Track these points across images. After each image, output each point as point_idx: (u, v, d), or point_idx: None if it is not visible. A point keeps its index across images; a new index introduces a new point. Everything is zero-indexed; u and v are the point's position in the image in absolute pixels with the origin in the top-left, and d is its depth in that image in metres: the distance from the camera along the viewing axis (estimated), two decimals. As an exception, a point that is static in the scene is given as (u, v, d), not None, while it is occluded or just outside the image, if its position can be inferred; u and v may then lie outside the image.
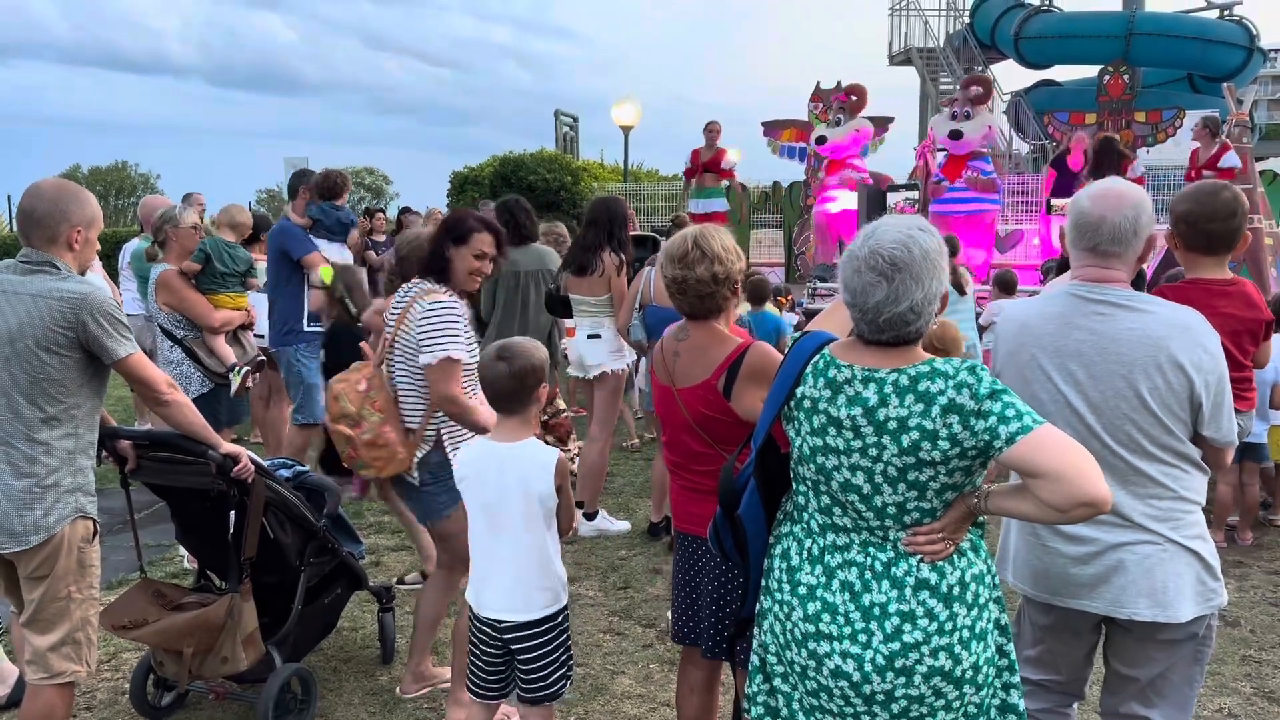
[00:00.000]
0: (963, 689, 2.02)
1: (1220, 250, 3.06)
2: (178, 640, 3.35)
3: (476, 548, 2.93)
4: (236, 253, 5.41)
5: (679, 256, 2.79)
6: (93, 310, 2.84)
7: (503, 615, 2.85)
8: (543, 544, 2.86)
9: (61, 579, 2.88)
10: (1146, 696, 2.55)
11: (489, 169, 19.86)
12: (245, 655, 3.37)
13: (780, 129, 14.13)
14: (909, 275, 1.96)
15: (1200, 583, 2.44)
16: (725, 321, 2.87)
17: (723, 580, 2.83)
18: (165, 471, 3.42)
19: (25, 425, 2.82)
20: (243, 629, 3.36)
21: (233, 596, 3.38)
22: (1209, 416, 2.40)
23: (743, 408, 2.70)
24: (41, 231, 2.90)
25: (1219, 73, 17.32)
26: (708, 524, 2.74)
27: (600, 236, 5.52)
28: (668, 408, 2.90)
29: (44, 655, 2.89)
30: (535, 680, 2.90)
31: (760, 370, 2.68)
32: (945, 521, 2.01)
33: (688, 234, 2.84)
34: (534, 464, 2.84)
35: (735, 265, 2.83)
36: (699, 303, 2.81)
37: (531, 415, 2.95)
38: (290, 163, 16.01)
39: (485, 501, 2.88)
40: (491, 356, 2.88)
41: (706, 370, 2.77)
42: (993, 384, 1.93)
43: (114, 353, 2.89)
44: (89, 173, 63.64)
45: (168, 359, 5.24)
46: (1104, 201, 2.46)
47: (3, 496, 2.81)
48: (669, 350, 2.89)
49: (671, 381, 2.86)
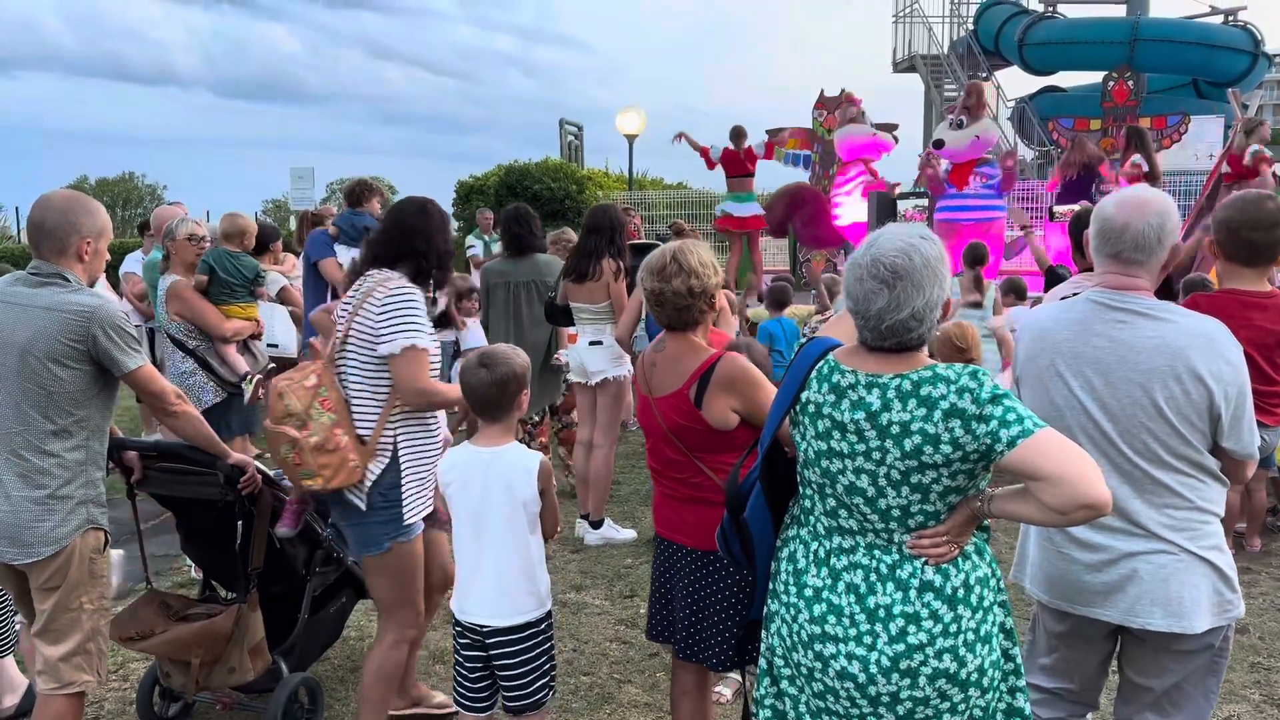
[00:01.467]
0: (968, 691, 2.03)
1: (1260, 261, 3.01)
2: (185, 651, 3.35)
3: (461, 554, 2.95)
4: (241, 261, 5.42)
5: (657, 270, 2.87)
6: (103, 323, 2.86)
7: (486, 620, 2.86)
8: (527, 548, 2.89)
9: (73, 590, 2.89)
10: (1161, 707, 2.53)
11: (494, 178, 19.93)
12: (253, 666, 3.37)
13: (785, 136, 14.14)
14: (910, 283, 1.98)
15: (1217, 594, 2.41)
16: (702, 333, 2.95)
17: (694, 589, 2.90)
18: (172, 482, 3.41)
19: (36, 437, 2.84)
20: (250, 639, 3.36)
21: (240, 606, 3.38)
22: (1228, 428, 2.36)
23: (712, 416, 2.77)
24: (51, 243, 2.92)
25: (1224, 78, 17.33)
26: (681, 530, 2.90)
27: (601, 243, 5.55)
28: (647, 417, 2.96)
29: (55, 665, 2.90)
30: (517, 689, 2.90)
31: (729, 380, 2.76)
32: (949, 525, 2.02)
33: (667, 249, 2.91)
34: (518, 468, 2.88)
35: (711, 280, 2.90)
36: (676, 315, 2.89)
37: (513, 421, 2.98)
38: (296, 172, 16.07)
39: (470, 507, 2.90)
40: (474, 364, 2.90)
41: (680, 380, 2.83)
42: (994, 389, 1.94)
43: (124, 365, 2.90)
44: (96, 184, 63.98)
45: (179, 369, 5.26)
46: (1129, 208, 2.43)
47: (15, 508, 2.83)
48: (648, 361, 2.98)
49: (649, 391, 2.93)
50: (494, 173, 20.24)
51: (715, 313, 3.03)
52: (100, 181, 64.56)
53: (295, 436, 2.96)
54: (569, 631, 4.46)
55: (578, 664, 4.15)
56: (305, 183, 16.36)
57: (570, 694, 3.89)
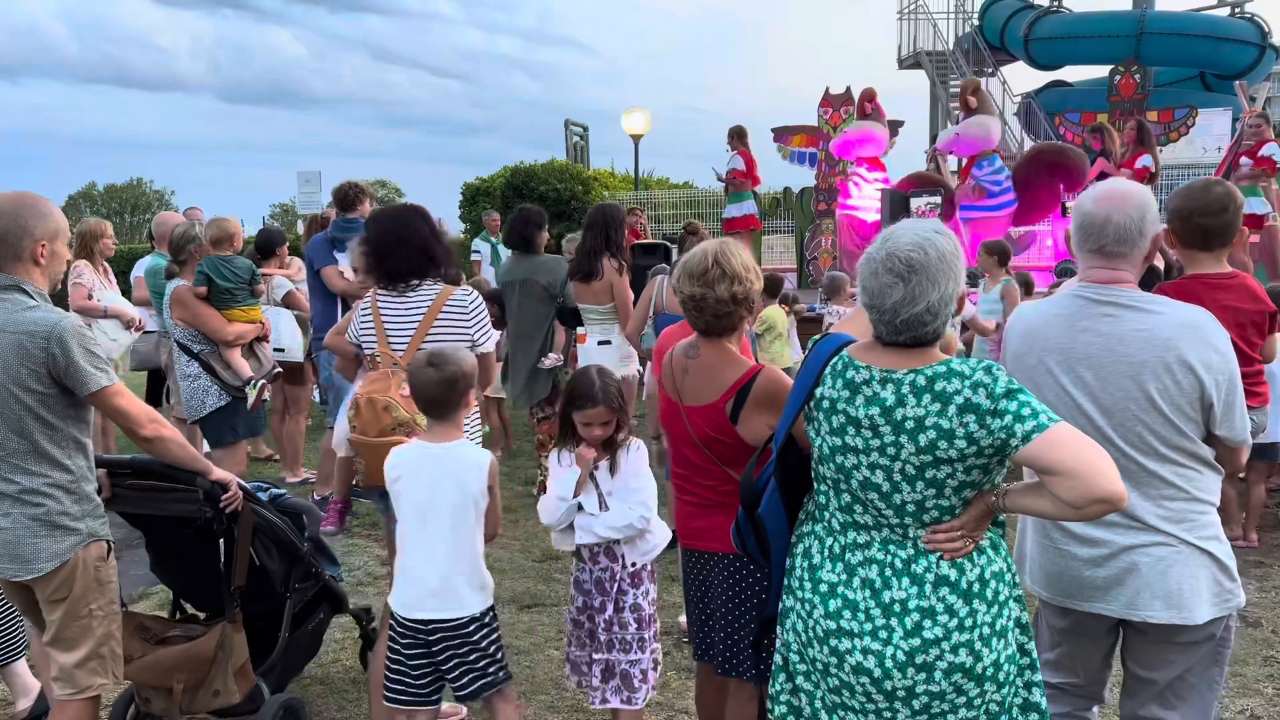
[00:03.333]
0: (984, 686, 2.02)
1: (1215, 245, 3.05)
2: (167, 676, 3.22)
3: (406, 550, 2.95)
4: (234, 264, 5.40)
5: (699, 274, 2.71)
6: (62, 341, 2.71)
7: (432, 615, 2.88)
8: (473, 544, 2.93)
9: (81, 599, 2.86)
10: (1166, 699, 2.53)
11: (500, 180, 19.96)
12: (238, 687, 3.25)
13: (790, 135, 14.11)
14: (925, 277, 1.99)
15: (1216, 584, 2.42)
16: (737, 340, 2.83)
17: (733, 595, 2.79)
18: (147, 500, 3.23)
19: (19, 459, 2.76)
20: (234, 660, 3.25)
21: (224, 627, 3.26)
22: (1221, 416, 2.37)
23: (749, 433, 2.66)
24: (4, 249, 2.77)
25: (1231, 71, 17.25)
26: (714, 538, 2.75)
27: (599, 241, 5.65)
28: (673, 423, 2.86)
29: (71, 672, 2.88)
30: (467, 673, 2.92)
31: (769, 396, 2.63)
32: (965, 519, 2.02)
33: (708, 250, 2.76)
34: (468, 464, 2.92)
35: (754, 285, 2.76)
36: (715, 321, 2.75)
37: (460, 419, 3.00)
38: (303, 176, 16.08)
39: (417, 502, 2.92)
40: (422, 363, 2.94)
41: (716, 392, 2.72)
42: (1009, 383, 1.94)
43: (87, 385, 2.75)
44: (104, 190, 64.19)
45: (185, 373, 5.28)
46: (1108, 202, 2.44)
47: (13, 527, 2.77)
48: (678, 366, 2.85)
49: (679, 398, 2.82)
50: (500, 175, 20.27)
51: (754, 318, 2.94)
52: (109, 187, 64.75)
53: None
54: (562, 634, 4.43)
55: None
56: (312, 187, 16.37)
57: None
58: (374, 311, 3.47)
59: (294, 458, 7.15)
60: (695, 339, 2.84)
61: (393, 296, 3.45)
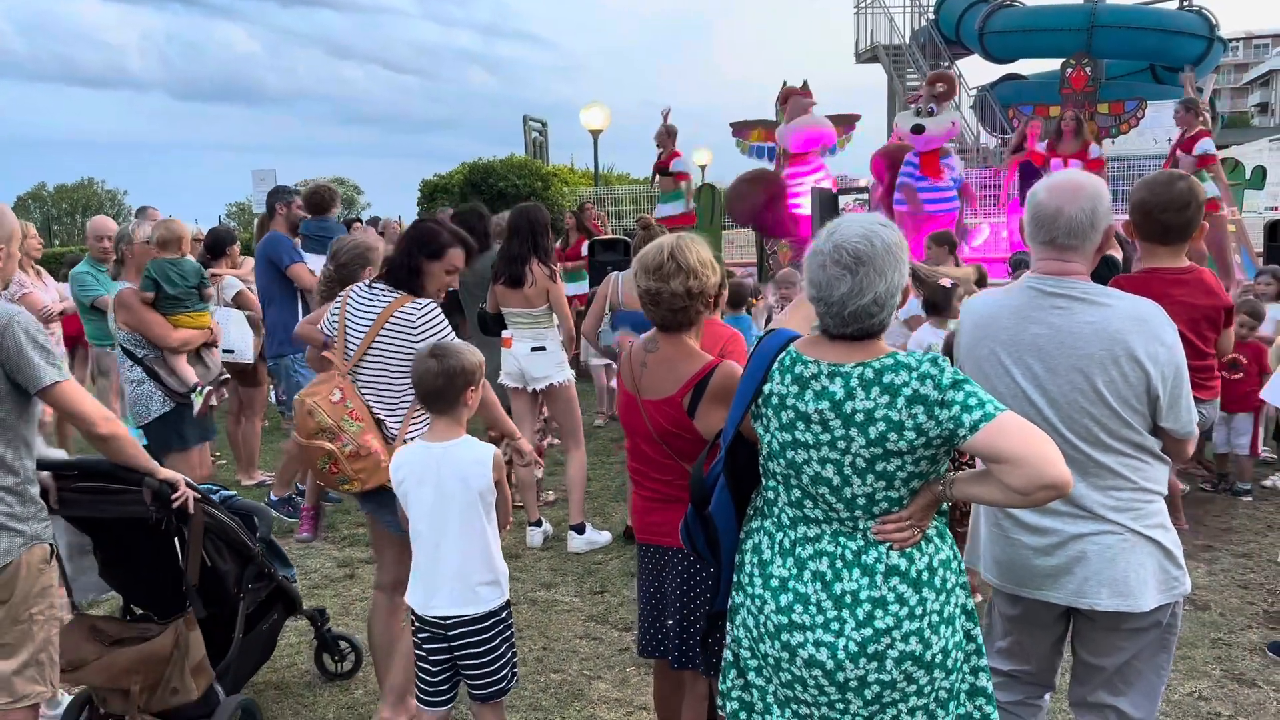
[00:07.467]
0: (933, 673, 2.04)
1: (1175, 240, 3.08)
2: (124, 678, 3.17)
3: (419, 549, 2.94)
4: (182, 267, 5.26)
5: (654, 269, 2.72)
6: (15, 334, 2.65)
7: (449, 612, 2.87)
8: (484, 539, 2.91)
9: (21, 603, 2.80)
10: (1114, 685, 2.56)
11: (459, 176, 19.82)
12: (195, 684, 3.22)
13: (749, 129, 14.13)
14: (872, 268, 2.00)
15: (1163, 571, 2.45)
16: (696, 335, 2.84)
17: (687, 590, 2.82)
18: (95, 503, 3.18)
19: None
20: (191, 658, 3.23)
21: (178, 625, 3.23)
22: (1167, 408, 2.40)
23: (706, 427, 2.66)
24: None
25: (1180, 63, 17.55)
26: (670, 533, 2.73)
27: (525, 247, 5.46)
28: (631, 416, 2.87)
29: (9, 679, 2.83)
30: (483, 677, 2.91)
31: (726, 391, 2.60)
32: (912, 509, 2.04)
33: (664, 245, 2.76)
34: (471, 461, 2.89)
35: (710, 279, 2.77)
36: (671, 316, 2.75)
37: (462, 416, 2.97)
38: (258, 175, 15.84)
39: (425, 502, 2.90)
40: (424, 354, 2.93)
41: (673, 386, 2.73)
42: (955, 374, 1.96)
43: (38, 380, 2.68)
44: (55, 190, 62.96)
45: (129, 378, 5.17)
46: (1061, 194, 2.44)
47: None
48: (637, 359, 2.85)
49: (637, 391, 2.83)
50: (458, 171, 20.12)
51: (711, 312, 2.91)
52: (59, 188, 63.55)
53: (330, 448, 3.23)
54: (539, 629, 4.44)
55: (548, 661, 4.13)
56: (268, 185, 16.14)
57: (540, 691, 3.87)
58: (342, 309, 3.47)
59: (249, 460, 7.04)
60: (654, 333, 2.84)
61: (363, 296, 3.45)
